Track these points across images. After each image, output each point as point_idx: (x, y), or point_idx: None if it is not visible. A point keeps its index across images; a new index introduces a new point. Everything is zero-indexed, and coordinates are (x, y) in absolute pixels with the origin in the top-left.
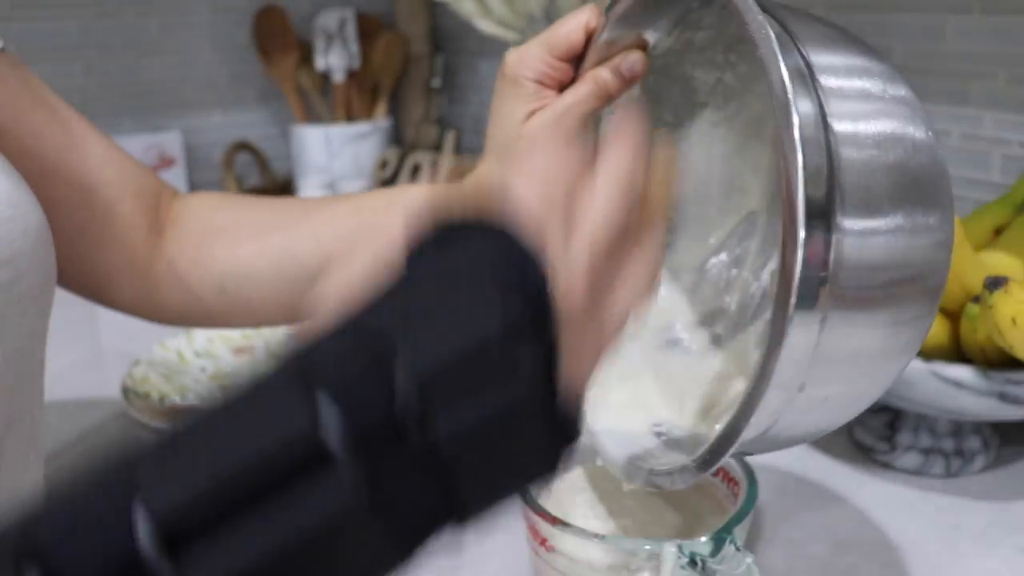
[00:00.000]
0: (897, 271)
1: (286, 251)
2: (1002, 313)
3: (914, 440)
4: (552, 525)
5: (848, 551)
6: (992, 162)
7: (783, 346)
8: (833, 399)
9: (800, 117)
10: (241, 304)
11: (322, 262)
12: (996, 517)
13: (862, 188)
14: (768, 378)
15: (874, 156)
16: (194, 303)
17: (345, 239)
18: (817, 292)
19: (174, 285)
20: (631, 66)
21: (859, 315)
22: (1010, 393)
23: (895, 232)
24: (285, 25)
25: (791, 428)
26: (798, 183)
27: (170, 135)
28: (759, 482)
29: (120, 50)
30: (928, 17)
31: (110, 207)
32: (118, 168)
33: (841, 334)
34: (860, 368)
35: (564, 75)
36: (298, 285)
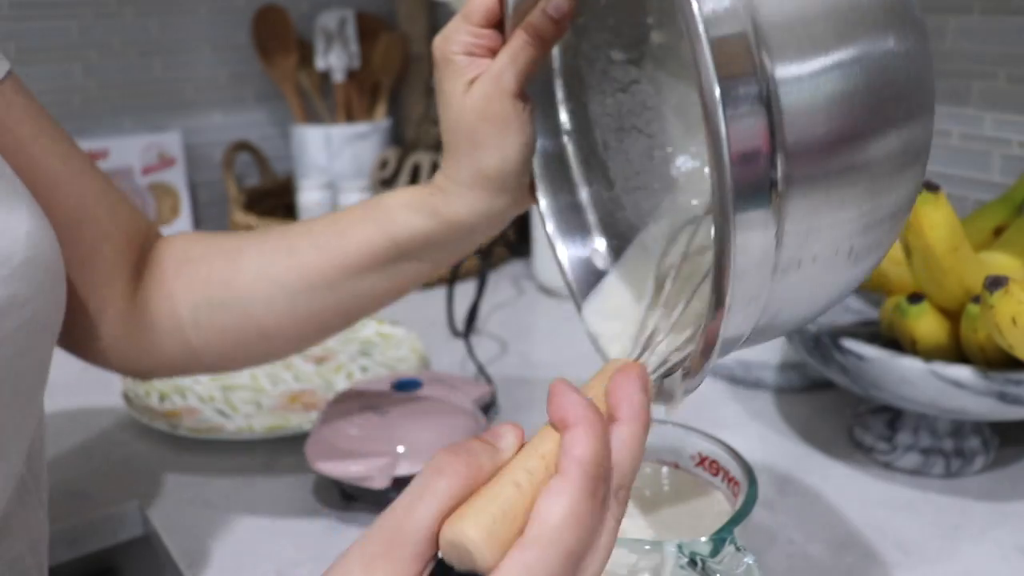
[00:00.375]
0: (859, 107)
1: (260, 269)
2: (1002, 313)
3: (914, 440)
4: None
5: (848, 551)
6: (992, 162)
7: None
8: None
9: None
10: (215, 336)
11: (299, 278)
12: (996, 517)
13: (789, 21)
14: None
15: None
16: (167, 344)
17: (322, 249)
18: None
19: (147, 328)
20: (558, 5)
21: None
22: (1010, 393)
23: (844, 65)
24: (285, 25)
25: (789, 307)
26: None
27: (170, 135)
28: (759, 482)
29: (120, 50)
30: (928, 17)
31: (96, 246)
32: (110, 207)
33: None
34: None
35: (491, 41)
36: (273, 307)
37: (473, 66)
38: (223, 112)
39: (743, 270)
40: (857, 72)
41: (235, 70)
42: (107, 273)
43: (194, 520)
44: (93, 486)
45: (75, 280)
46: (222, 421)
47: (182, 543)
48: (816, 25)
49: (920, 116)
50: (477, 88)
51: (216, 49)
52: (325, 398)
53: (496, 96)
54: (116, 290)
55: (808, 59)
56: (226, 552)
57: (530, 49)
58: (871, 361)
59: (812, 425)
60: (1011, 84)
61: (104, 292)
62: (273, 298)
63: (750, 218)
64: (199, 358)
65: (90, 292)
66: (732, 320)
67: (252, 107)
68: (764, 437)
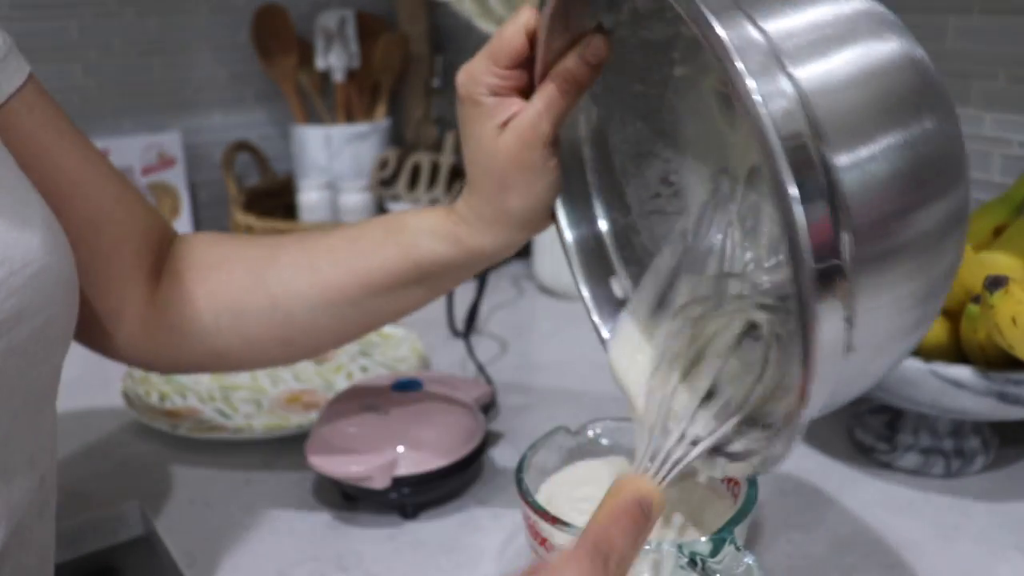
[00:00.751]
0: (908, 184)
1: (283, 284)
2: (1002, 313)
3: (914, 440)
4: (552, 525)
5: (848, 551)
6: (992, 162)
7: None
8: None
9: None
10: (237, 341)
11: (321, 294)
12: (996, 517)
13: (840, 115)
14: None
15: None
16: (187, 345)
17: (343, 268)
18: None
19: (167, 329)
20: (595, 51)
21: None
22: (1010, 393)
23: (892, 148)
24: (285, 25)
25: (857, 381)
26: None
27: (170, 135)
28: (759, 482)
29: (120, 50)
30: (928, 17)
31: (116, 246)
32: (129, 208)
33: (873, 287)
34: (905, 304)
35: (518, 82)
36: (296, 319)
37: (502, 107)
38: (223, 112)
39: (821, 359)
40: (903, 152)
41: (235, 70)
42: (127, 273)
43: (194, 520)
44: (93, 486)
45: (95, 280)
46: (222, 421)
47: (182, 543)
48: (863, 114)
49: (958, 184)
50: (511, 135)
51: (216, 49)
52: (325, 398)
53: (531, 145)
54: (136, 290)
55: (860, 146)
56: (226, 552)
57: (566, 97)
58: None
59: (812, 425)
60: (1011, 84)
61: (124, 292)
62: (295, 311)
63: (825, 307)
64: (220, 359)
65: (110, 292)
66: (809, 412)
67: (252, 107)
68: None
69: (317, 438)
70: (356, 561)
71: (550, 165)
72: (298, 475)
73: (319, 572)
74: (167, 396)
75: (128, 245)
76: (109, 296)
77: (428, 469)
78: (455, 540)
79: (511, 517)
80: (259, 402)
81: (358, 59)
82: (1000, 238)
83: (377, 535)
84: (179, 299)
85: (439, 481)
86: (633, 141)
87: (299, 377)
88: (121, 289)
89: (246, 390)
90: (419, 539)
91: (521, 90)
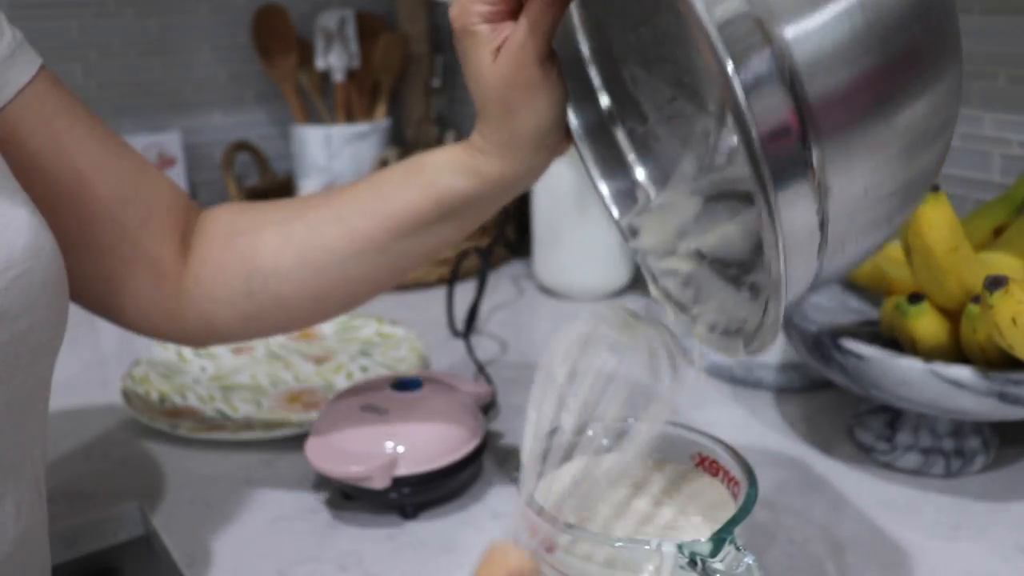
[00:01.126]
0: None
1: (311, 239)
2: (1002, 313)
3: (914, 440)
4: (551, 525)
5: (848, 551)
6: (992, 162)
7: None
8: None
9: None
10: (270, 302)
11: (350, 244)
12: (996, 517)
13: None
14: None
15: None
16: (222, 312)
17: (368, 214)
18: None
19: (200, 299)
20: None
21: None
22: (1010, 393)
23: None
24: (285, 25)
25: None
26: None
27: (170, 135)
28: (759, 482)
29: (120, 50)
30: None
31: (143, 223)
32: (151, 185)
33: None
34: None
35: (508, 4)
36: (327, 272)
37: (496, 33)
38: (223, 112)
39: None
40: (858, 14)
41: (235, 70)
42: (156, 249)
43: (194, 520)
44: (93, 486)
45: (127, 258)
46: (222, 421)
47: (182, 543)
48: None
49: (939, 68)
50: (502, 59)
51: (216, 49)
52: (325, 398)
53: (522, 64)
54: (167, 265)
55: (810, 14)
56: (226, 552)
57: (549, 13)
58: (871, 361)
59: (812, 425)
60: (1011, 84)
61: (156, 268)
62: (325, 265)
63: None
64: (254, 325)
65: (142, 269)
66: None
67: (252, 107)
68: (764, 437)
69: (317, 438)
70: (356, 561)
71: (550, 80)
72: (298, 475)
73: (319, 572)
74: (167, 396)
75: (155, 221)
76: (142, 273)
77: (428, 469)
78: (455, 540)
79: (511, 517)
80: (259, 402)
81: (358, 59)
82: (1000, 238)
83: (377, 535)
84: (210, 268)
85: (439, 481)
86: (638, 48)
87: (299, 377)
88: (152, 265)
89: (246, 390)
90: (419, 539)
91: (512, 13)
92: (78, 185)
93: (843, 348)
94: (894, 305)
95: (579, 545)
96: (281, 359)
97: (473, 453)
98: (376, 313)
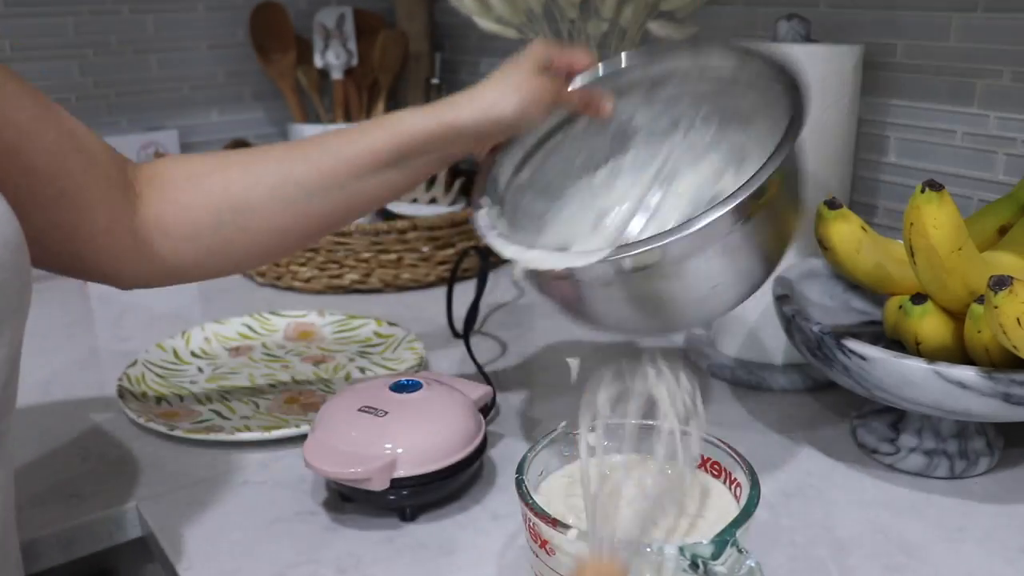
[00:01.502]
0: None
1: (282, 174)
2: (1007, 313)
3: (918, 442)
4: (553, 527)
5: (851, 553)
6: (996, 161)
7: None
8: None
9: None
10: (236, 235)
11: (319, 179)
12: (1001, 519)
13: None
14: None
15: None
16: (183, 249)
17: (333, 154)
18: None
19: (163, 238)
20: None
21: None
22: (1015, 394)
23: None
24: (283, 22)
25: None
26: None
27: (167, 133)
28: (761, 484)
29: (116, 47)
30: (932, 15)
31: (87, 170)
32: (85, 135)
33: None
34: None
35: None
36: (293, 207)
37: None
38: (220, 110)
39: None
40: None
41: (232, 68)
42: (104, 193)
43: (191, 522)
44: (89, 487)
45: (78, 205)
46: (219, 422)
47: (179, 545)
48: None
49: None
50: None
51: (213, 47)
52: (323, 399)
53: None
54: (117, 208)
55: None
56: (224, 554)
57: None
58: (874, 362)
59: (815, 427)
60: (1015, 82)
61: (107, 211)
62: (293, 199)
63: None
64: (214, 260)
65: (93, 213)
66: None
67: (249, 105)
68: (767, 439)
69: (315, 439)
70: (354, 563)
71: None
72: (296, 477)
73: (317, 575)
74: (164, 397)
75: (97, 167)
76: (93, 218)
77: (427, 470)
78: (454, 542)
79: (511, 519)
80: (257, 403)
81: (356, 57)
82: (1005, 238)
83: (376, 537)
84: (173, 207)
85: (438, 483)
86: None
87: (297, 378)
88: (103, 208)
89: (243, 391)
90: (418, 541)
91: None
92: (19, 139)
93: (846, 349)
94: (898, 305)
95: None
96: (279, 360)
97: (472, 455)
98: (375, 313)
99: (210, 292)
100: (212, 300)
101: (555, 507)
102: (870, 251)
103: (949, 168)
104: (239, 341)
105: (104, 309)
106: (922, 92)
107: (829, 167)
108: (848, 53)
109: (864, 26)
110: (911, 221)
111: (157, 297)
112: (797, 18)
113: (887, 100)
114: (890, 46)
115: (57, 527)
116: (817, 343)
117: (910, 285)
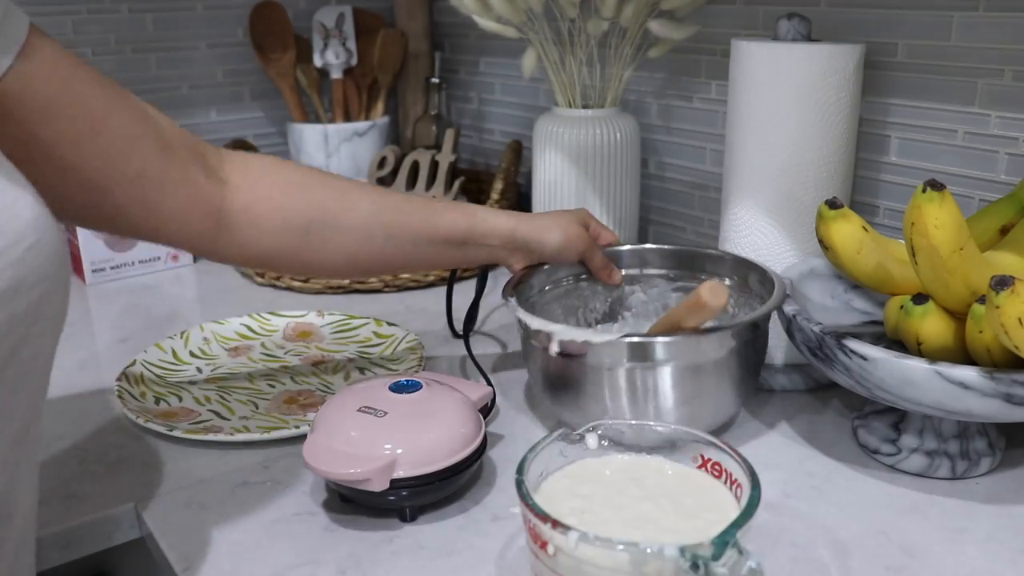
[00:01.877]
0: None
1: (374, 212)
2: (1008, 313)
3: (919, 442)
4: (553, 528)
5: (852, 554)
6: (998, 161)
7: None
8: None
9: None
10: (319, 245)
11: (401, 230)
12: (1003, 520)
13: None
14: None
15: None
16: (265, 241)
17: (421, 218)
18: None
19: (248, 227)
20: (613, 279)
21: None
22: (1017, 394)
23: None
24: (282, 21)
25: None
26: None
27: None
28: (762, 484)
29: (115, 46)
30: (934, 14)
31: (165, 150)
32: (158, 117)
33: None
34: None
35: None
36: (374, 242)
37: None
38: (219, 110)
39: None
40: None
41: (232, 67)
42: (185, 171)
43: (190, 523)
44: (87, 488)
45: (158, 181)
46: (218, 423)
47: (178, 546)
48: None
49: None
50: None
51: (212, 46)
52: (323, 399)
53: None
54: (199, 187)
55: None
56: (223, 555)
57: (597, 253)
58: (875, 362)
59: (816, 427)
60: (1017, 82)
61: (187, 189)
62: (373, 235)
63: None
64: (285, 258)
65: (174, 189)
66: None
67: (249, 105)
68: (767, 439)
69: (314, 440)
70: (354, 564)
71: None
72: (295, 477)
73: (316, 575)
74: (163, 397)
75: (174, 149)
76: (176, 194)
77: (427, 471)
78: (454, 543)
79: (511, 519)
80: (256, 404)
81: (356, 56)
82: (1006, 238)
83: (375, 538)
84: (268, 205)
85: (438, 483)
86: None
87: (296, 378)
88: (186, 186)
89: (243, 392)
90: (418, 542)
91: None
92: (96, 123)
93: (847, 349)
94: (899, 305)
95: (580, 549)
96: (278, 360)
97: (472, 455)
98: (374, 313)
99: (209, 292)
100: (211, 300)
101: (555, 508)
102: (871, 251)
103: (950, 168)
104: (238, 341)
105: (103, 309)
106: (923, 91)
107: (830, 167)
108: (849, 52)
109: (865, 25)
110: (912, 221)
111: (156, 297)
112: (798, 17)
113: (888, 99)
114: (891, 45)
115: (56, 527)
116: (818, 343)
117: (911, 285)
